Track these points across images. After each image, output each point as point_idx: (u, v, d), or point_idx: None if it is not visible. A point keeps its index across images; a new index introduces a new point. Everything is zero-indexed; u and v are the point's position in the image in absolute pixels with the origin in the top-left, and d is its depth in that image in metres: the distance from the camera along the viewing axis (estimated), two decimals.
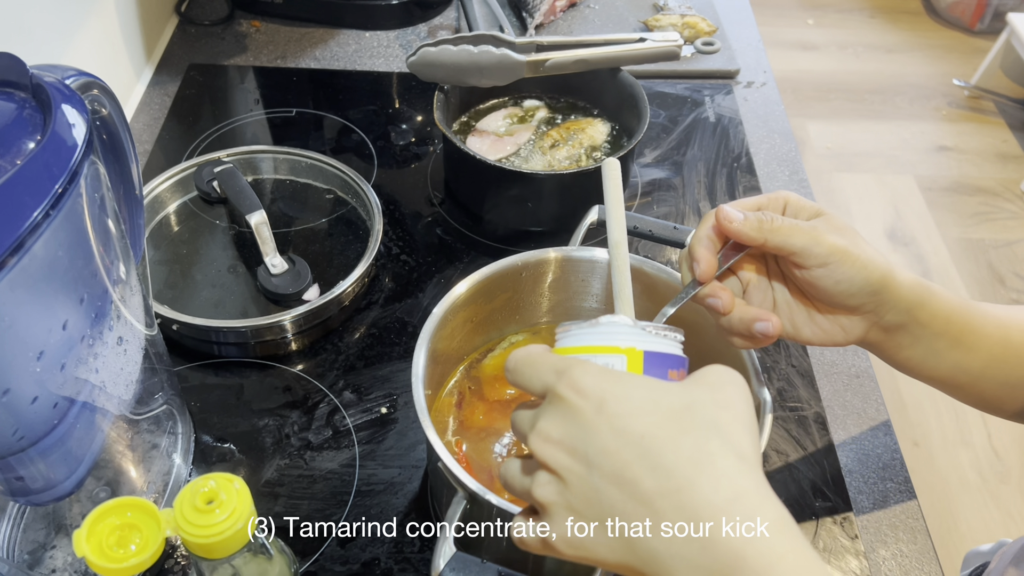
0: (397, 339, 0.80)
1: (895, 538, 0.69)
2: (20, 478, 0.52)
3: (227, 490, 0.47)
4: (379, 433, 0.73)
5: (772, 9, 3.21)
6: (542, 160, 0.92)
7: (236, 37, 1.15)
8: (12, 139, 0.45)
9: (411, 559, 0.65)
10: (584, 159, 0.92)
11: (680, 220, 0.93)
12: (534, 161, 0.92)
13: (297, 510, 0.67)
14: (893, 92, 2.84)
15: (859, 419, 0.77)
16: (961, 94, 2.82)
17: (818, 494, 0.70)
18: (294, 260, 0.81)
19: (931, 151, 2.61)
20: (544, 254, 0.69)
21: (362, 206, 0.89)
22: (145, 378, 0.60)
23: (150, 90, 1.06)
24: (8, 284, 0.42)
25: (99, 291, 0.51)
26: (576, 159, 0.92)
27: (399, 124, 1.03)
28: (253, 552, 0.50)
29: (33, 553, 0.61)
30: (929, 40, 3.10)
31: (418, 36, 1.17)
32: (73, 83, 0.50)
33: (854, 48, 3.04)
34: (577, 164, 0.91)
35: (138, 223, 0.64)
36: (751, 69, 1.15)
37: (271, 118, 1.03)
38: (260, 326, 0.76)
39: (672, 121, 1.06)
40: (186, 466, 0.69)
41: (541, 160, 0.92)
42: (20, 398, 0.47)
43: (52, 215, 0.43)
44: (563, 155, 0.92)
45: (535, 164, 0.91)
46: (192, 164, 0.90)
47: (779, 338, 0.55)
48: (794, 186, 0.99)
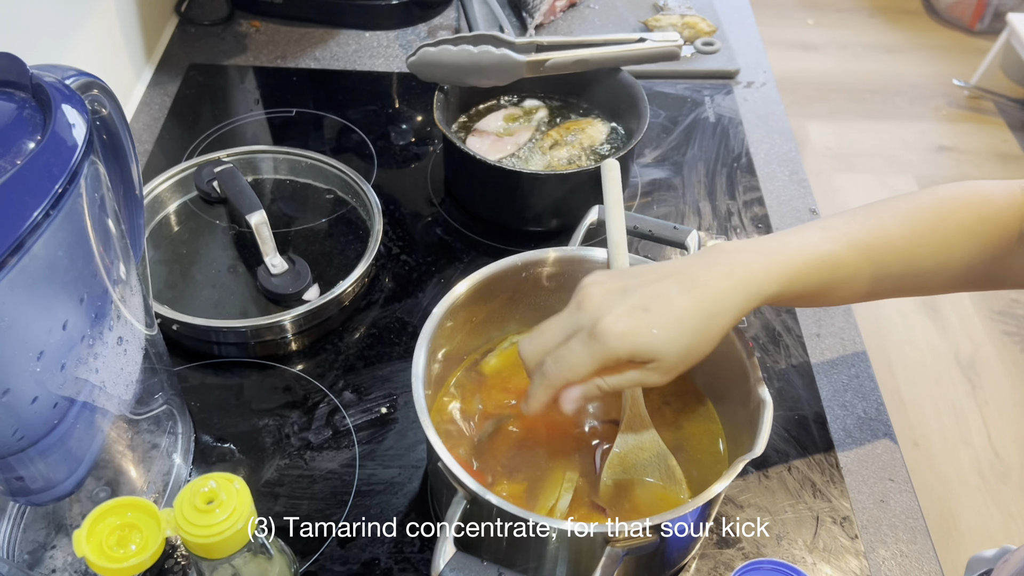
0: (397, 339, 0.80)
1: (895, 538, 0.69)
2: (20, 478, 0.52)
3: (227, 490, 0.47)
4: (379, 433, 0.73)
5: (772, 9, 3.20)
6: (542, 160, 0.92)
7: (236, 37, 1.15)
8: (12, 139, 0.45)
9: (411, 559, 0.65)
10: (584, 159, 0.92)
11: (680, 220, 0.93)
12: (534, 161, 0.92)
13: (297, 510, 0.67)
14: (893, 92, 2.84)
15: (859, 419, 0.77)
16: (961, 94, 2.82)
17: (818, 494, 0.70)
18: (294, 260, 0.81)
19: (931, 151, 2.61)
20: (544, 254, 0.69)
21: (362, 206, 0.89)
22: (145, 378, 0.60)
23: (150, 90, 1.06)
24: (8, 284, 0.42)
25: (99, 291, 0.51)
26: (576, 159, 0.92)
27: (399, 124, 1.03)
28: (253, 552, 0.51)
29: (33, 553, 0.61)
30: (929, 40, 3.10)
31: (418, 36, 1.17)
32: (73, 83, 0.50)
33: (854, 48, 3.04)
34: (577, 164, 0.91)
35: (138, 223, 0.64)
36: (751, 69, 1.15)
37: (271, 118, 1.03)
38: (260, 326, 0.76)
39: (672, 121, 1.06)
40: (186, 466, 0.69)
41: (541, 160, 0.92)
42: (20, 398, 0.47)
43: (52, 215, 0.43)
44: (563, 155, 0.92)
45: (535, 164, 0.91)
46: (192, 164, 0.90)
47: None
48: (794, 186, 0.99)
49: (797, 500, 0.70)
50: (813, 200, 0.97)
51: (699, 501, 0.53)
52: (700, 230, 0.92)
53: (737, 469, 0.54)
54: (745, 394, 0.61)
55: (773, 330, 0.82)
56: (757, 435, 0.56)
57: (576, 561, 0.57)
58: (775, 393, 0.77)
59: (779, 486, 0.71)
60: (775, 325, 0.83)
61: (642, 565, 0.61)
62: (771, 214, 0.94)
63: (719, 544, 0.67)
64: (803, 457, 0.73)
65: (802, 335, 0.83)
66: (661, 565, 0.63)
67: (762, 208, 0.95)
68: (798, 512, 0.69)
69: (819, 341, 0.83)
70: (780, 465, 0.72)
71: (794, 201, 0.97)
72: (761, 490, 0.70)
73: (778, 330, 0.83)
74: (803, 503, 0.70)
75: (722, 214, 0.94)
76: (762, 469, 0.72)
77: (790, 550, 0.67)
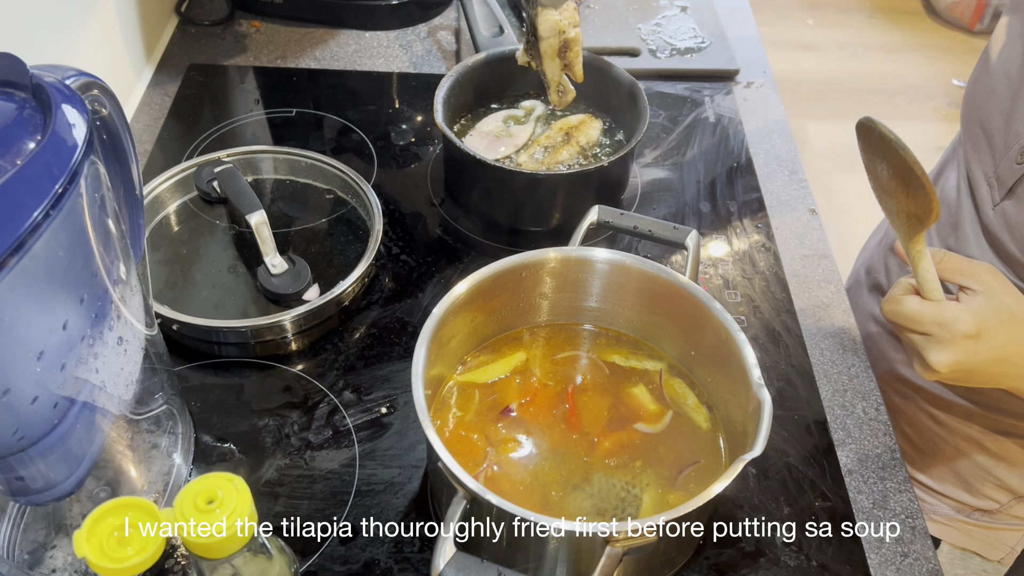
0: (397, 339, 0.80)
1: (895, 539, 0.69)
2: (20, 478, 0.52)
3: (227, 490, 0.47)
4: (379, 433, 0.73)
5: (772, 9, 3.20)
6: (542, 160, 0.92)
7: (236, 37, 1.15)
8: (12, 139, 0.45)
9: (411, 559, 0.65)
10: (583, 159, 0.92)
11: (680, 220, 0.93)
12: (534, 161, 0.92)
13: (297, 510, 0.67)
14: (893, 92, 2.84)
15: (859, 419, 0.77)
16: (961, 94, 2.82)
17: (818, 494, 0.70)
18: (294, 260, 0.81)
19: (931, 151, 2.61)
20: (544, 254, 0.69)
21: (362, 206, 0.89)
22: (145, 378, 0.60)
23: (150, 90, 1.06)
24: (8, 284, 0.42)
25: (99, 291, 0.51)
26: (575, 159, 0.92)
27: (399, 124, 1.03)
28: (253, 552, 0.51)
29: (33, 553, 0.61)
30: (929, 40, 3.10)
31: (418, 36, 1.17)
32: (73, 83, 0.50)
33: (854, 48, 3.04)
34: (577, 164, 0.91)
35: (138, 223, 0.64)
36: (751, 69, 1.15)
37: (271, 118, 1.03)
38: (260, 326, 0.76)
39: (672, 121, 1.06)
40: (186, 466, 0.69)
41: (541, 160, 0.92)
42: (20, 398, 0.47)
43: (52, 215, 0.43)
44: (562, 155, 0.92)
45: (535, 164, 0.91)
46: (192, 164, 0.90)
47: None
48: (794, 186, 0.99)
49: (797, 500, 0.70)
50: (813, 200, 0.97)
51: (699, 501, 0.53)
52: (700, 230, 0.92)
53: (737, 469, 0.54)
54: (745, 394, 0.61)
55: (773, 330, 0.82)
56: (757, 435, 0.56)
57: (576, 561, 0.57)
58: (775, 393, 0.77)
59: (779, 486, 0.71)
60: (775, 325, 0.83)
61: (642, 565, 0.61)
62: (771, 214, 0.95)
63: (719, 544, 0.67)
64: (803, 457, 0.73)
65: (802, 335, 0.83)
66: (661, 565, 0.63)
67: (762, 208, 0.95)
68: (798, 512, 0.69)
69: (819, 341, 0.83)
70: (780, 465, 0.72)
71: (794, 201, 0.97)
72: (761, 490, 0.70)
73: (778, 330, 0.83)
74: (803, 503, 0.70)
75: (722, 214, 0.94)
76: (762, 469, 0.72)
77: (789, 550, 0.67)
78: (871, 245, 1.02)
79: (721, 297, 0.85)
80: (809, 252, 0.91)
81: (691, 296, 0.67)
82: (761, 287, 0.86)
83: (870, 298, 0.95)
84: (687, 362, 0.72)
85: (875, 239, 1.02)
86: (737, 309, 0.84)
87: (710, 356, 0.68)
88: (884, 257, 0.95)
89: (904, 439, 0.92)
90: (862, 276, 0.99)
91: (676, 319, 0.70)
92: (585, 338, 0.74)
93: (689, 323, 0.69)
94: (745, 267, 0.88)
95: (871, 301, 0.95)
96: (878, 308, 0.93)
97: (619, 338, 0.74)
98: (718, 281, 0.87)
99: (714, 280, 0.87)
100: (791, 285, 0.87)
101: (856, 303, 0.96)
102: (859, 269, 1.02)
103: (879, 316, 0.92)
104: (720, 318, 0.64)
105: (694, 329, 0.68)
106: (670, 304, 0.69)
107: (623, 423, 0.68)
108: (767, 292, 0.86)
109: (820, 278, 0.89)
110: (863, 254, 1.04)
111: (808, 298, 0.87)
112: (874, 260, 0.97)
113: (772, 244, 0.91)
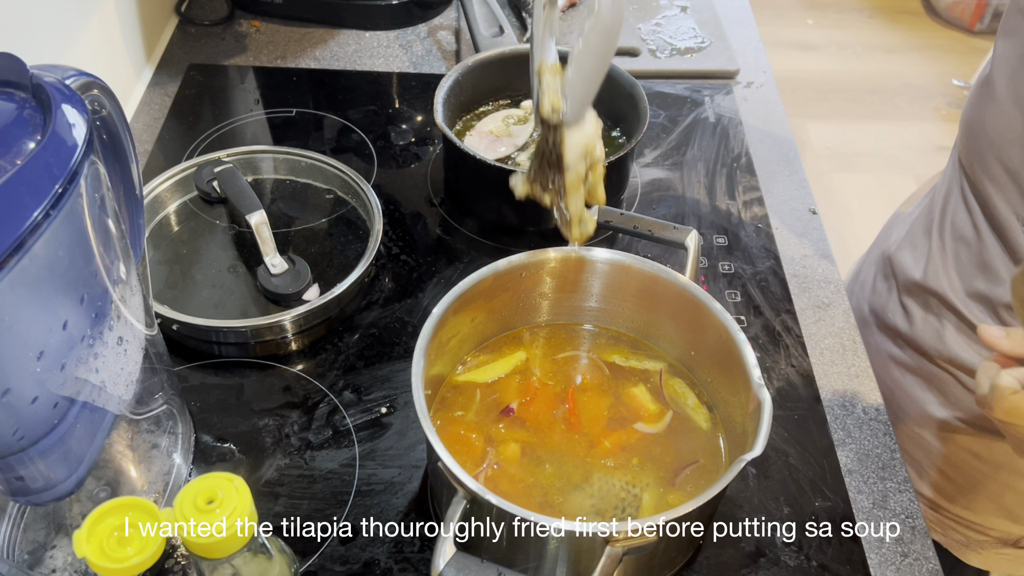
0: (397, 339, 0.80)
1: (895, 539, 0.69)
2: (20, 478, 0.52)
3: (227, 490, 0.47)
4: (379, 433, 0.73)
5: (772, 9, 3.21)
6: None
7: (236, 37, 1.15)
8: (12, 139, 0.45)
9: (411, 559, 0.65)
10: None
11: (680, 220, 0.93)
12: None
13: (297, 510, 0.67)
14: (892, 92, 2.84)
15: (859, 419, 0.77)
16: (961, 94, 2.82)
17: (818, 494, 0.70)
18: (294, 260, 0.81)
19: (930, 151, 2.61)
20: (544, 254, 0.69)
21: (362, 206, 0.89)
22: (145, 378, 0.60)
23: (150, 90, 1.06)
24: (8, 284, 0.42)
25: (99, 291, 0.51)
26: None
27: (399, 124, 1.03)
28: (253, 552, 0.51)
29: (33, 553, 0.61)
30: (929, 40, 3.10)
31: (418, 36, 1.17)
32: (73, 83, 0.50)
33: (854, 48, 3.05)
34: None
35: (138, 223, 0.64)
36: (751, 69, 1.16)
37: (271, 118, 1.03)
38: (260, 326, 0.76)
39: (672, 121, 1.06)
40: (186, 466, 0.69)
41: None
42: (20, 398, 0.47)
43: (52, 215, 0.43)
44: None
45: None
46: (192, 164, 0.90)
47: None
48: (794, 186, 0.99)
49: (797, 500, 0.70)
50: (812, 200, 0.97)
51: (699, 501, 0.53)
52: (700, 230, 0.92)
53: (737, 469, 0.54)
54: (745, 394, 0.61)
55: (773, 330, 0.83)
56: (757, 435, 0.56)
57: (576, 561, 0.57)
58: (775, 393, 0.77)
59: (779, 486, 0.71)
60: (775, 325, 0.83)
61: (642, 565, 0.61)
62: (771, 214, 0.95)
63: (719, 544, 0.67)
64: (803, 457, 0.73)
65: (802, 335, 0.83)
66: (661, 565, 0.63)
67: (762, 208, 0.95)
68: (798, 512, 0.69)
69: (819, 341, 0.83)
70: (780, 465, 0.72)
71: (794, 201, 0.97)
72: (761, 490, 0.70)
73: (778, 330, 0.83)
74: (803, 503, 0.70)
75: (722, 214, 0.94)
76: (762, 469, 0.72)
77: (789, 550, 0.67)
78: (869, 281, 0.97)
79: (721, 297, 0.85)
80: (809, 252, 0.92)
81: (691, 296, 0.67)
82: (761, 287, 0.86)
83: (883, 338, 0.92)
84: (687, 362, 0.72)
85: (871, 273, 0.97)
86: (737, 309, 0.84)
87: (710, 356, 0.68)
88: (900, 300, 0.90)
89: (945, 479, 0.88)
90: (866, 313, 0.95)
91: (676, 319, 0.70)
92: (585, 338, 0.75)
93: (689, 323, 0.69)
94: (745, 267, 0.88)
95: (885, 341, 0.91)
96: (895, 349, 0.90)
97: (619, 338, 0.74)
98: (718, 281, 0.87)
99: (714, 280, 0.87)
100: (791, 285, 0.87)
101: (867, 342, 0.91)
102: (861, 305, 0.97)
103: (899, 357, 0.89)
104: (720, 318, 0.64)
105: (694, 329, 0.68)
106: (670, 304, 0.69)
107: (623, 423, 0.68)
108: (767, 292, 0.86)
109: (820, 278, 0.89)
110: (861, 290, 0.99)
111: (808, 298, 0.87)
112: (883, 301, 0.93)
113: (772, 244, 0.91)
